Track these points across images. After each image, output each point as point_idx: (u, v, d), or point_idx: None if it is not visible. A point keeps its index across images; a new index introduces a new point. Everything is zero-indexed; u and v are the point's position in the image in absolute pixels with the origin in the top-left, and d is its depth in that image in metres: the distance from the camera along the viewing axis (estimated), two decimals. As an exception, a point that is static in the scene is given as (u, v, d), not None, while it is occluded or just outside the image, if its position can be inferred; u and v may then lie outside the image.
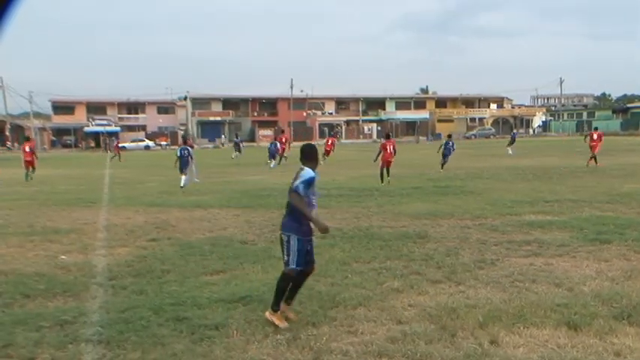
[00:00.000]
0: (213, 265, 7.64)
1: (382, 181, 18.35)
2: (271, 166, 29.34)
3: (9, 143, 69.61)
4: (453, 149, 24.30)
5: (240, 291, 6.28)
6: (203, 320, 5.39)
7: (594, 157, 23.66)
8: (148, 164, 35.15)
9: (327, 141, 33.44)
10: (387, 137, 20.33)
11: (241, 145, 38.31)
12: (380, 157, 18.93)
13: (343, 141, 71.27)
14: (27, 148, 24.87)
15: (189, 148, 19.75)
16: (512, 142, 36.67)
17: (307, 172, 5.36)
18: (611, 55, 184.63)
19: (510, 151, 34.30)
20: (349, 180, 19.98)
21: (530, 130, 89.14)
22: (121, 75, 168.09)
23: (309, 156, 5.53)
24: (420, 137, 73.73)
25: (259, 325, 5.26)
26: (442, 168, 23.39)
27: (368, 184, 18.13)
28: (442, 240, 8.99)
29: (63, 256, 8.43)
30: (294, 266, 5.34)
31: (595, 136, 24.71)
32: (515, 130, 33.31)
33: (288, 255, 5.37)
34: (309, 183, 5.34)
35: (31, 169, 24.46)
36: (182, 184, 18.59)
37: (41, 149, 68.62)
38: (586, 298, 5.80)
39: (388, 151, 18.88)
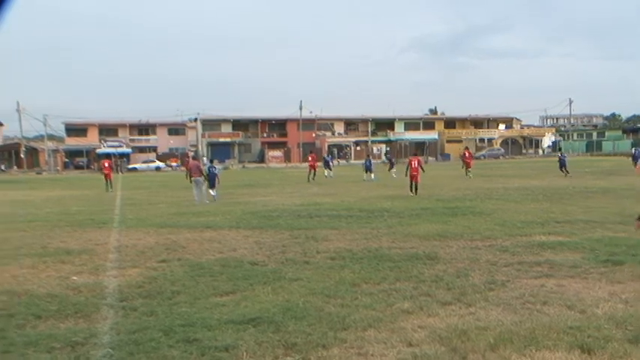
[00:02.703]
0: (223, 286, 7.62)
1: (411, 192, 21.63)
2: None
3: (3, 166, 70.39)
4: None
5: (250, 312, 6.25)
6: (213, 342, 5.36)
7: None
8: (158, 185, 35.31)
9: (308, 158, 37.13)
10: (414, 154, 24.39)
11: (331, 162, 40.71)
12: (408, 172, 22.20)
13: (352, 161, 71.34)
14: (106, 164, 32.37)
15: (216, 166, 23.20)
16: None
17: None
18: (621, 75, 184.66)
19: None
20: (359, 201, 19.95)
21: (540, 151, 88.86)
22: (133, 97, 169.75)
23: None
24: (429, 157, 73.64)
25: (269, 347, 5.22)
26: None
27: (377, 205, 18.10)
28: (452, 261, 8.94)
29: (74, 277, 8.44)
30: None
31: None
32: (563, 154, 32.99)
33: None
34: None
35: (109, 181, 30.89)
36: (214, 197, 21.62)
37: (54, 171, 69.31)
38: (599, 320, 5.72)
39: (413, 166, 22.07)
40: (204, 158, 28.39)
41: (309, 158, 36.52)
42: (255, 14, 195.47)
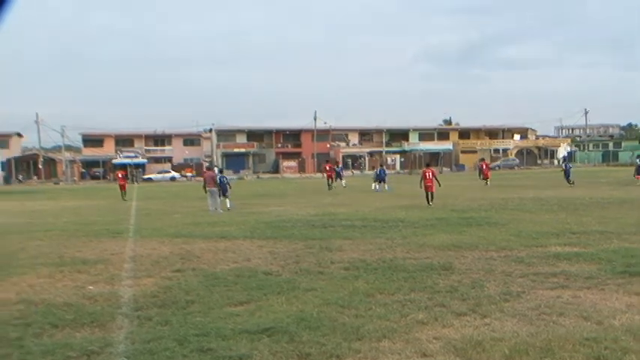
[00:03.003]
0: (237, 296, 7.63)
1: (428, 202, 21.64)
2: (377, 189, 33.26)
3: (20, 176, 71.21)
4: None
5: (264, 322, 6.25)
6: (227, 351, 5.37)
7: None
8: (173, 195, 35.50)
9: (326, 167, 38.82)
10: (427, 165, 24.27)
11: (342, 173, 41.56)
12: (423, 183, 22.28)
13: (367, 172, 71.27)
14: (120, 175, 34.19)
15: (226, 177, 23.91)
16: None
17: None
18: (638, 84, 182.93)
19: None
20: (373, 211, 19.91)
21: (555, 161, 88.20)
22: (149, 107, 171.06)
23: None
24: (444, 168, 73.42)
25: (283, 357, 5.22)
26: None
27: (392, 215, 18.05)
28: (467, 272, 8.88)
29: (90, 287, 8.51)
30: None
31: None
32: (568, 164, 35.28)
33: None
34: None
35: (123, 191, 32.29)
36: (228, 207, 22.13)
37: (71, 181, 69.98)
38: (616, 332, 5.65)
39: (428, 177, 22.23)
40: (215, 169, 29.65)
41: (327, 167, 38.48)
42: (270, 26, 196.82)
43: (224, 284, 8.37)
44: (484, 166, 35.80)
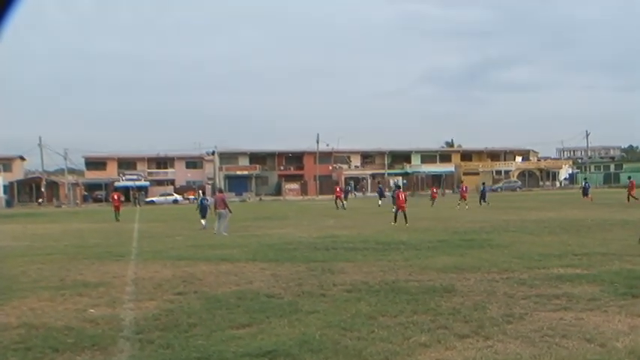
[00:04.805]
0: (239, 318, 7.60)
1: (395, 221, 23.40)
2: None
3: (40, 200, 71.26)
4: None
5: (266, 345, 6.23)
6: (229, 375, 5.34)
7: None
8: (175, 218, 35.50)
9: (336, 189, 43.09)
10: (398, 187, 27.99)
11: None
12: (396, 203, 24.48)
13: (369, 194, 71.26)
14: (115, 197, 35.56)
15: (208, 198, 27.19)
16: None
17: None
18: (638, 106, 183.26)
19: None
20: (375, 233, 19.89)
21: (557, 183, 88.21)
22: (151, 130, 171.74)
23: None
24: (446, 190, 73.36)
25: (285, 380, 5.19)
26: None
27: (394, 237, 18.03)
28: (469, 294, 8.85)
29: (92, 310, 8.48)
30: None
31: None
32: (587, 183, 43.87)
33: None
34: None
35: (117, 212, 33.67)
36: (203, 227, 24.00)
37: (73, 204, 70.06)
38: (620, 354, 5.62)
39: (400, 198, 24.30)
40: (200, 192, 31.07)
41: (337, 189, 42.84)
42: (270, 49, 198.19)
43: (226, 307, 8.34)
44: (464, 189, 38.85)
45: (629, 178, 38.46)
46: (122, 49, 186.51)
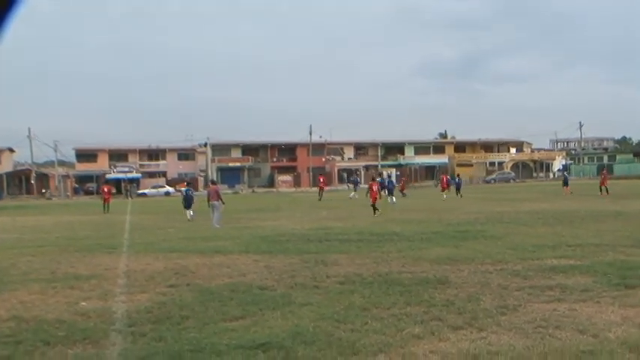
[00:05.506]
0: (232, 311, 7.60)
1: (375, 213, 23.69)
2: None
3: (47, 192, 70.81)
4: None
5: (259, 337, 6.23)
6: (222, 367, 5.34)
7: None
8: (167, 210, 35.41)
9: (320, 179, 44.40)
10: (373, 179, 27.74)
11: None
12: (368, 195, 25.13)
13: (362, 186, 71.26)
14: (106, 189, 36.59)
15: (191, 189, 27.82)
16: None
17: None
18: (632, 98, 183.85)
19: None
20: (369, 225, 19.92)
21: (551, 174, 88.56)
22: (143, 122, 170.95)
23: None
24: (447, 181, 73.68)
25: (278, 373, 5.20)
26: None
27: (388, 229, 18.06)
28: (463, 285, 8.88)
29: (83, 303, 8.46)
30: None
31: None
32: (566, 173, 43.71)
33: None
34: None
35: (107, 204, 34.55)
36: (189, 218, 24.81)
37: (64, 196, 69.75)
38: (612, 345, 5.66)
39: (374, 190, 24.81)
40: (185, 183, 31.42)
41: (320, 180, 43.70)
42: (264, 40, 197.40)
43: (219, 299, 8.34)
44: (444, 179, 39.82)
45: (603, 168, 39.09)
46: (113, 38, 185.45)
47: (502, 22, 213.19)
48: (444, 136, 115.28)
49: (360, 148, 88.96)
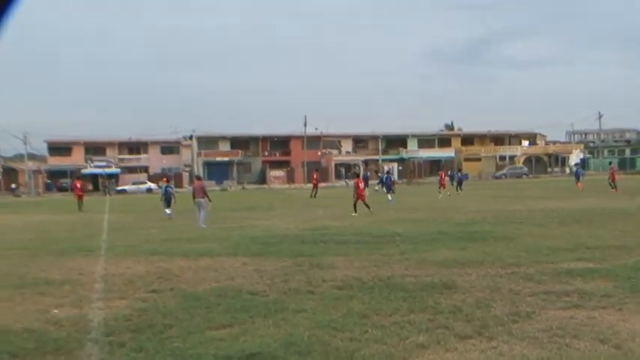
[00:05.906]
0: (219, 318, 7.58)
1: (355, 212, 24.03)
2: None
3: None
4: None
5: (249, 347, 6.21)
6: (208, 381, 5.32)
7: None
8: (149, 209, 35.35)
9: (313, 175, 45.41)
10: (357, 176, 28.57)
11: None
12: (355, 193, 25.11)
13: (371, 182, 71.32)
14: (78, 185, 36.91)
15: (172, 186, 28.52)
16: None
17: None
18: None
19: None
20: (369, 225, 19.92)
21: (567, 169, 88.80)
22: (123, 113, 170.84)
23: None
24: (446, 177, 73.81)
25: (270, 386, 5.17)
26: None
27: (389, 229, 18.07)
28: (471, 290, 8.88)
29: (55, 310, 8.42)
30: None
31: None
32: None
33: None
34: None
35: (81, 202, 34.86)
36: (168, 215, 25.61)
37: (34, 193, 69.57)
38: (636, 356, 5.66)
39: (360, 187, 25.24)
40: (165, 179, 31.04)
41: (314, 176, 44.76)
42: (255, 23, 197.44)
43: (205, 306, 8.32)
44: (443, 176, 40.88)
45: (610, 163, 39.55)
46: (90, 22, 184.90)
47: (514, 1, 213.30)
48: (450, 127, 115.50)
49: (359, 141, 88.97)
